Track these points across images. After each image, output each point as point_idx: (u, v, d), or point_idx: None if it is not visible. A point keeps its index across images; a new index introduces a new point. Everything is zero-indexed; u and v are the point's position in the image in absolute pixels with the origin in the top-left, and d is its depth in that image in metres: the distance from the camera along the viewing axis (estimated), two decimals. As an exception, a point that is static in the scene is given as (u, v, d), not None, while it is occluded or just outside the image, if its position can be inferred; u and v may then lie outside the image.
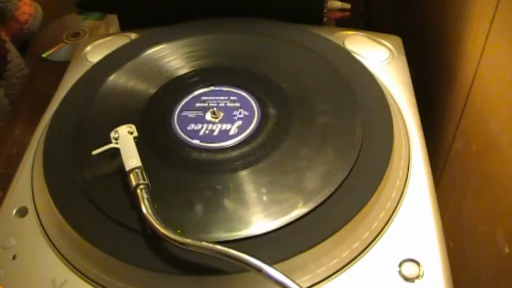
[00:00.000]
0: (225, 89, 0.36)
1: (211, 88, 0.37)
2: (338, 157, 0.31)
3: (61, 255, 0.29)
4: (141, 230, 0.28)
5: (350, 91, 0.35)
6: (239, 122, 0.34)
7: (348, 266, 0.28)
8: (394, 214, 0.30)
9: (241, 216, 0.28)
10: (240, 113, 0.35)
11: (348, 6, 0.46)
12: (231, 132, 0.33)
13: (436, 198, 0.31)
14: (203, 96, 0.36)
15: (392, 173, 0.31)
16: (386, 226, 0.29)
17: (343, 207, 0.29)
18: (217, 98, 0.36)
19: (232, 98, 0.36)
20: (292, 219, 0.28)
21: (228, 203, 0.29)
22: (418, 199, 0.31)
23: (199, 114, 0.35)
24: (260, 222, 0.28)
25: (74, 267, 0.28)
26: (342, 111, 0.34)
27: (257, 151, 0.32)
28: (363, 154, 0.31)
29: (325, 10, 0.43)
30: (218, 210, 0.29)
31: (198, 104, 0.35)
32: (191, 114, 0.35)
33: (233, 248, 0.25)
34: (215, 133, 0.33)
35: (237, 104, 0.35)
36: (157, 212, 0.27)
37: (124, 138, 0.31)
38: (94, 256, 0.28)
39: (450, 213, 0.40)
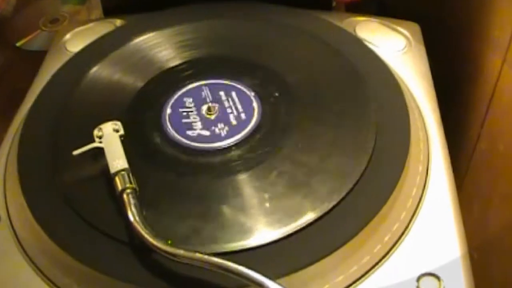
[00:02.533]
0: (222, 82, 0.36)
1: (206, 81, 0.37)
2: (348, 159, 0.31)
3: (38, 269, 0.29)
4: (128, 240, 0.28)
5: (362, 84, 0.35)
6: (238, 119, 0.34)
7: (358, 282, 0.28)
8: (411, 224, 0.30)
9: (241, 224, 0.28)
10: (239, 109, 0.35)
11: (359, -11, 0.46)
12: (229, 130, 0.33)
13: (458, 205, 0.31)
14: (198, 90, 0.36)
15: (408, 178, 0.31)
16: (402, 237, 0.29)
17: (352, 217, 0.29)
18: (213, 92, 0.36)
19: (230, 92, 0.36)
20: (297, 228, 0.28)
21: (226, 210, 0.29)
22: (437, 207, 0.31)
23: (193, 111, 0.35)
24: (262, 231, 0.28)
25: (53, 283, 0.28)
26: (353, 107, 0.34)
27: (258, 152, 0.32)
28: (376, 156, 0.31)
29: (334, -7, 0.44)
30: (215, 218, 0.29)
31: (191, 99, 0.35)
32: (184, 110, 0.35)
33: (231, 261, 0.25)
34: (211, 131, 0.33)
35: (236, 99, 0.35)
36: (145, 219, 0.27)
37: (109, 136, 0.31)
38: (75, 271, 0.28)
39: (474, 221, 0.40)
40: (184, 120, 0.34)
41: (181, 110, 0.35)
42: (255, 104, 0.35)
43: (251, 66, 0.37)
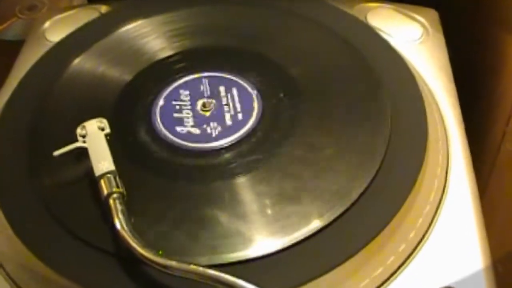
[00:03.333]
0: (218, 75, 0.36)
1: (201, 74, 0.37)
2: (358, 161, 0.31)
3: (14, 282, 0.29)
4: (115, 251, 0.28)
5: (374, 78, 0.35)
6: (236, 116, 0.34)
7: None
8: (428, 232, 0.30)
9: (239, 233, 0.28)
10: (237, 105, 0.35)
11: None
12: (227, 129, 0.33)
13: (481, 212, 0.31)
14: (191, 84, 0.36)
15: (425, 182, 0.31)
16: (418, 247, 0.29)
17: (362, 225, 0.28)
18: (208, 86, 0.36)
19: (227, 86, 0.36)
20: (302, 237, 0.28)
21: (222, 217, 0.29)
22: (458, 213, 0.31)
23: (186, 107, 0.35)
24: (262, 240, 0.28)
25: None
26: (364, 103, 0.34)
27: (259, 152, 0.32)
28: (389, 157, 0.31)
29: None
30: (210, 226, 0.29)
31: (185, 94, 0.35)
32: (176, 106, 0.35)
33: (228, 273, 0.25)
34: (206, 130, 0.33)
35: (234, 94, 0.35)
36: (134, 228, 0.27)
37: (94, 135, 0.31)
38: (56, 284, 0.28)
39: (498, 229, 0.40)
40: (177, 117, 0.34)
41: (173, 106, 0.35)
42: (256, 99, 0.35)
43: (252, 58, 0.37)
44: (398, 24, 0.41)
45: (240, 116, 0.34)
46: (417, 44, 0.39)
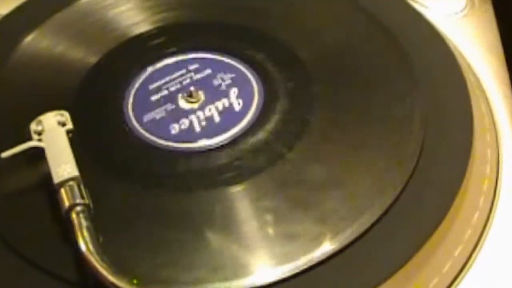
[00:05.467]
0: (208, 57, 0.37)
1: (186, 56, 0.37)
2: (385, 165, 0.31)
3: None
4: (78, 279, 0.28)
5: (405, 60, 0.35)
6: (231, 109, 0.34)
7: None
8: (478, 248, 0.30)
9: (233, 257, 0.28)
10: (232, 95, 0.35)
11: None
12: (218, 125, 0.34)
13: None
14: (174, 68, 0.36)
15: (471, 187, 0.31)
16: (467, 265, 0.29)
17: (392, 246, 0.29)
18: (195, 71, 0.36)
19: (219, 71, 0.36)
20: (309, 264, 0.28)
21: (213, 238, 0.29)
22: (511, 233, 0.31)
23: (167, 97, 0.35)
24: (261, 267, 0.28)
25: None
26: (392, 91, 0.34)
27: (258, 155, 0.32)
28: (425, 159, 0.31)
29: None
30: (198, 248, 0.29)
31: (165, 81, 0.36)
32: (154, 96, 0.35)
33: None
34: (193, 126, 0.34)
35: (228, 81, 0.36)
36: (103, 249, 0.27)
37: (52, 132, 0.31)
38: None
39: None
40: (155, 110, 0.34)
41: (150, 95, 0.35)
42: (255, 88, 0.35)
43: (250, 35, 0.38)
44: (436, -7, 0.41)
45: (235, 109, 0.34)
46: (459, 18, 0.40)
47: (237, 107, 0.34)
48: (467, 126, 0.33)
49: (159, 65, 0.37)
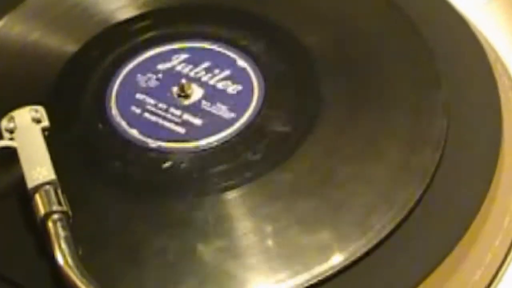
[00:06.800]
0: (201, 46, 0.37)
1: (177, 44, 0.37)
2: (401, 170, 0.31)
3: None
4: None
5: (427, 52, 0.36)
6: (227, 105, 0.35)
7: None
8: (502, 271, 0.30)
9: (228, 273, 0.29)
10: (228, 89, 0.35)
11: None
12: (213, 122, 0.34)
13: None
14: (163, 58, 0.37)
15: (499, 197, 0.32)
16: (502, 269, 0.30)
17: (406, 263, 0.29)
18: (187, 62, 0.37)
19: (214, 62, 0.36)
20: (315, 280, 0.28)
21: (205, 251, 0.29)
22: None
23: (155, 91, 0.35)
24: (260, 284, 0.28)
25: None
26: (411, 87, 0.35)
27: (257, 157, 0.32)
28: (447, 162, 0.32)
29: None
30: (188, 263, 0.29)
31: (153, 73, 0.36)
32: (140, 90, 0.36)
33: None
34: (184, 124, 0.34)
35: (224, 73, 0.36)
36: (82, 262, 0.27)
37: (26, 130, 0.32)
38: None
39: None
40: (141, 106, 0.35)
41: (136, 89, 0.36)
42: (254, 81, 0.36)
43: (248, 21, 0.38)
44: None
45: (232, 104, 0.35)
46: (486, 3, 0.40)
47: (233, 103, 0.35)
48: (495, 121, 0.33)
49: (147, 54, 0.37)
